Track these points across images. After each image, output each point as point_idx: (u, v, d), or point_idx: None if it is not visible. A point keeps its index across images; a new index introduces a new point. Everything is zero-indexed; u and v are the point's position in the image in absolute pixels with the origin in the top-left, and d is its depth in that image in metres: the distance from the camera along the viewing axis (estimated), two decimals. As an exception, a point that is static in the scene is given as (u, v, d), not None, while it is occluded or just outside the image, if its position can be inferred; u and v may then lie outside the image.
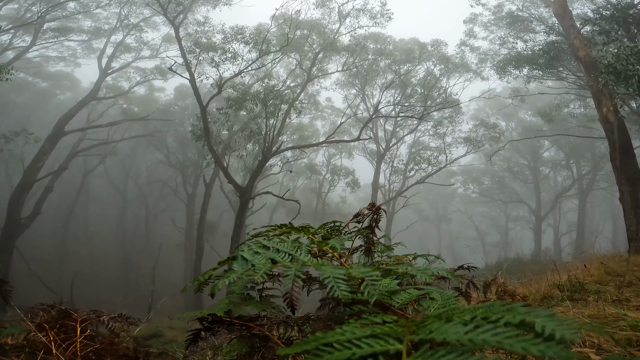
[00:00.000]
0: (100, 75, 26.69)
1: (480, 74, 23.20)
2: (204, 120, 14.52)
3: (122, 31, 28.36)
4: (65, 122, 23.16)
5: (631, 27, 12.56)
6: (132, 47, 29.71)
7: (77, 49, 33.36)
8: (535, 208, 34.64)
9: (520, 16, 19.98)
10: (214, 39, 16.93)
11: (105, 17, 30.16)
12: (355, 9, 20.78)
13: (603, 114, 11.96)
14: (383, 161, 24.64)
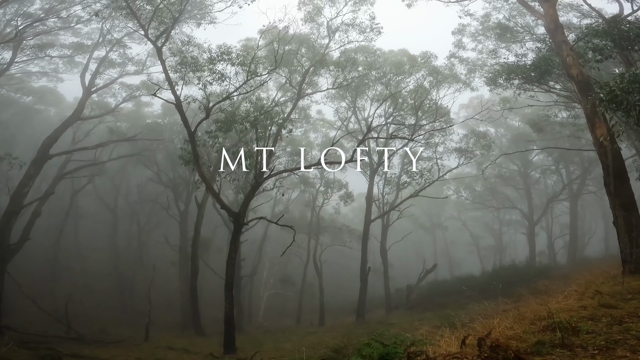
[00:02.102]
0: (84, 94, 26.01)
1: (469, 84, 23.31)
2: (192, 146, 14.29)
3: (105, 47, 27.61)
4: (49, 145, 22.60)
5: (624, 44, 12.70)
6: (117, 63, 28.97)
7: (59, 63, 32.46)
8: (528, 213, 35.01)
9: (509, 26, 20.28)
10: (200, 59, 16.59)
11: (86, 33, 29.51)
12: (344, 24, 20.73)
13: (597, 137, 11.87)
14: (376, 174, 24.65)
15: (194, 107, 17.02)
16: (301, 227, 29.75)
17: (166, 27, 16.31)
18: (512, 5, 20.87)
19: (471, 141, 22.72)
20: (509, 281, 19.89)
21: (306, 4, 20.85)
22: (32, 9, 25.89)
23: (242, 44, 22.87)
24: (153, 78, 28.54)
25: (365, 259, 23.84)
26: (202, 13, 19.17)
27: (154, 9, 15.46)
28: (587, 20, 18.56)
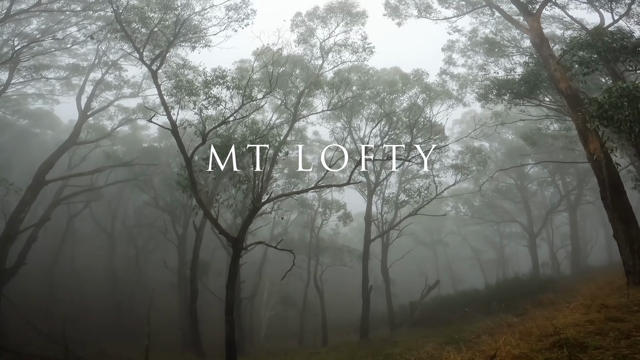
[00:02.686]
0: (80, 118, 26.21)
1: (461, 100, 23.74)
2: (189, 172, 14.22)
3: (101, 69, 28.04)
4: (45, 171, 22.64)
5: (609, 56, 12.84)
6: (113, 85, 29.32)
7: (56, 85, 32.86)
8: (527, 225, 35.00)
9: (496, 41, 20.89)
10: (195, 82, 16.56)
11: (83, 54, 29.98)
12: (337, 45, 21.20)
13: (590, 152, 11.90)
14: (374, 193, 24.71)
15: (190, 132, 17.14)
16: (301, 248, 29.63)
17: (161, 50, 16.48)
18: (497, 20, 21.64)
19: (467, 157, 22.92)
20: (513, 294, 19.71)
21: (299, 25, 21.43)
22: (29, 28, 26.58)
23: (237, 66, 23.29)
24: (149, 101, 29.01)
25: (366, 278, 23.62)
26: (197, 37, 19.55)
27: (149, 32, 15.74)
28: (570, 32, 19.21)
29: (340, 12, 21.07)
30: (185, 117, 20.20)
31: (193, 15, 17.67)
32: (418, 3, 20.68)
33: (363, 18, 21.16)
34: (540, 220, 35.69)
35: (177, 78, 16.39)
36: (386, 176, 24.63)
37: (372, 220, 24.24)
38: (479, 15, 21.95)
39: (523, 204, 35.73)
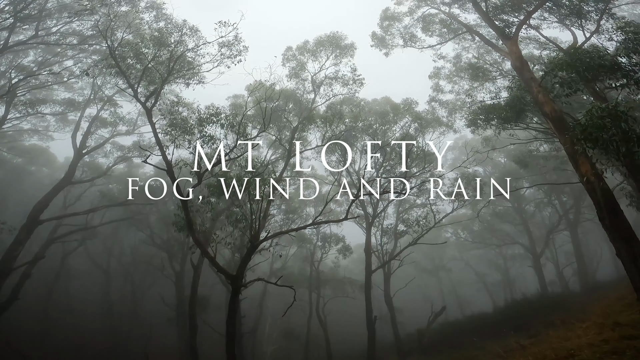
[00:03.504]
0: (75, 156, 26.44)
1: (452, 126, 24.25)
2: (185, 213, 14.21)
3: (96, 104, 28.49)
4: (40, 210, 22.74)
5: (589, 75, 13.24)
6: (108, 122, 29.78)
7: (51, 120, 33.39)
8: (530, 246, 34.86)
9: (479, 66, 21.70)
10: (189, 120, 16.86)
11: (79, 88, 30.62)
12: (328, 78, 21.85)
13: (582, 174, 11.91)
14: (372, 225, 24.76)
15: (185, 171, 17.29)
16: (301, 281, 29.36)
17: (155, 87, 16.77)
18: (479, 44, 22.73)
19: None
20: (523, 316, 19.40)
21: (290, 59, 22.23)
22: (26, 60, 27.52)
23: (231, 102, 23.82)
24: (145, 139, 29.48)
25: (370, 308, 23.23)
26: (190, 73, 19.93)
27: (143, 68, 16.11)
28: (547, 52, 20.06)
29: (330, 45, 21.87)
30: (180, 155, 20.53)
31: (186, 52, 18.08)
32: (403, 32, 21.79)
33: (352, 50, 22.00)
34: (542, 240, 35.57)
35: (172, 116, 16.71)
36: (384, 208, 24.76)
37: (372, 251, 24.12)
38: (461, 41, 23.08)
39: (523, 225, 35.71)
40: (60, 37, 24.75)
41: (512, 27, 16.60)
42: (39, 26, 23.20)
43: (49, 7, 23.55)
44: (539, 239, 36.14)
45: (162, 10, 19.83)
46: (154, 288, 34.35)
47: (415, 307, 43.20)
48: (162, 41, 17.27)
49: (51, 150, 42.25)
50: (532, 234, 35.25)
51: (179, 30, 17.73)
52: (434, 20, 21.35)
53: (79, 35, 24.68)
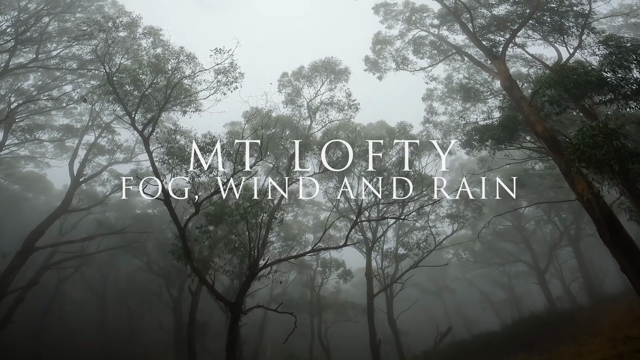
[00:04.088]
0: (72, 184, 26.51)
1: (447, 148, 24.41)
2: (183, 242, 14.25)
3: (94, 131, 28.70)
4: (35, 238, 22.81)
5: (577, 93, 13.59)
6: (106, 150, 29.85)
7: (49, 147, 33.59)
8: (533, 264, 34.68)
9: (470, 87, 22.26)
10: (186, 148, 16.84)
11: (77, 114, 30.90)
12: (323, 103, 22.19)
13: (579, 192, 11.98)
14: (372, 250, 24.71)
15: (182, 201, 17.33)
16: (302, 307, 29.06)
17: (153, 115, 16.88)
18: (468, 64, 23.40)
19: (461, 206, 23.28)
20: (532, 332, 19.12)
21: (285, 85, 22.67)
22: (26, 84, 28.03)
23: (228, 130, 24.09)
24: (142, 167, 29.60)
25: (373, 332, 22.88)
26: (187, 100, 19.97)
27: (141, 95, 16.30)
28: (534, 69, 20.58)
29: (324, 71, 22.32)
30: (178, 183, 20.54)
31: (183, 79, 18.34)
32: (395, 56, 22.47)
33: (346, 75, 22.50)
34: (545, 257, 35.44)
35: (169, 144, 16.84)
36: (383, 232, 24.76)
37: (374, 275, 23.99)
38: (452, 62, 23.80)
39: (524, 243, 35.63)
40: (60, 61, 25.30)
41: (499, 46, 17.12)
42: (39, 49, 23.85)
43: (49, 31, 24.37)
44: (542, 256, 35.99)
45: (160, 37, 20.11)
46: (151, 314, 33.90)
47: (420, 329, 42.53)
48: (159, 68, 17.51)
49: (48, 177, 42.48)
50: (534, 251, 35.13)
51: (176, 57, 17.98)
52: (424, 42, 22.07)
53: (79, 59, 25.22)
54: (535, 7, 16.12)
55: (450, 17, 19.83)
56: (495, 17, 18.10)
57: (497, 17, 18.12)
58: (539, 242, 39.34)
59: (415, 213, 22.89)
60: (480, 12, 19.33)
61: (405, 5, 22.81)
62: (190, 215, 15.18)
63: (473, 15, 17.57)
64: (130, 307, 35.04)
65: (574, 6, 16.48)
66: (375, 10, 23.74)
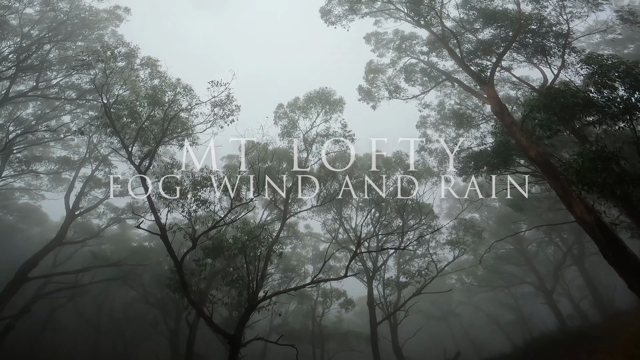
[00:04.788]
0: (68, 217, 26.54)
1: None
2: (180, 276, 14.26)
3: (91, 164, 28.91)
4: (28, 269, 22.81)
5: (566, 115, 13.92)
6: (103, 183, 29.97)
7: (45, 179, 33.69)
8: (539, 284, 34.48)
9: (461, 112, 22.80)
10: (183, 183, 16.81)
11: (75, 145, 31.28)
12: (319, 135, 22.45)
13: (578, 215, 12.02)
14: (374, 279, 24.62)
15: (179, 235, 17.34)
16: (303, 337, 28.62)
17: (150, 149, 17.04)
18: (459, 90, 24.09)
19: (460, 232, 23.36)
20: (546, 352, 18.80)
21: (281, 117, 23.03)
22: (25, 113, 28.44)
23: (225, 163, 24.32)
24: (139, 201, 29.67)
25: (378, 361, 22.53)
26: (184, 134, 19.98)
27: (138, 128, 16.52)
28: (521, 91, 21.17)
29: (319, 102, 22.71)
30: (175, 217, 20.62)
31: (180, 112, 18.59)
32: (387, 84, 23.19)
33: (341, 105, 22.89)
34: (551, 277, 35.27)
35: (166, 178, 17.00)
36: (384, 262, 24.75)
37: (376, 303, 23.79)
38: (443, 88, 24.59)
39: (528, 265, 35.53)
40: (59, 91, 25.76)
41: (486, 70, 17.65)
42: (39, 77, 24.33)
43: (50, 58, 25.01)
44: (547, 276, 35.81)
45: (157, 68, 20.35)
46: (146, 344, 33.19)
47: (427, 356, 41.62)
48: (156, 100, 17.85)
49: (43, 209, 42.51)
50: (539, 273, 34.96)
51: (173, 89, 18.35)
52: (415, 69, 22.85)
53: (78, 88, 25.72)
54: (517, 30, 16.86)
55: (438, 44, 20.61)
56: (481, 42, 18.82)
57: (482, 41, 18.84)
58: (543, 263, 39.18)
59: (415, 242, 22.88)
60: (466, 37, 20.07)
61: (395, 33, 23.75)
62: (187, 249, 15.24)
63: (460, 41, 18.31)
64: (126, 337, 34.32)
65: (553, 26, 17.20)
66: (366, 39, 24.71)
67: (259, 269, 16.06)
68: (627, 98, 12.81)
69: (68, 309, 34.57)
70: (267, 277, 20.97)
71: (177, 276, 15.28)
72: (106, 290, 36.93)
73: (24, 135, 25.41)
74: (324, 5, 22.25)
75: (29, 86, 25.69)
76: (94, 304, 36.53)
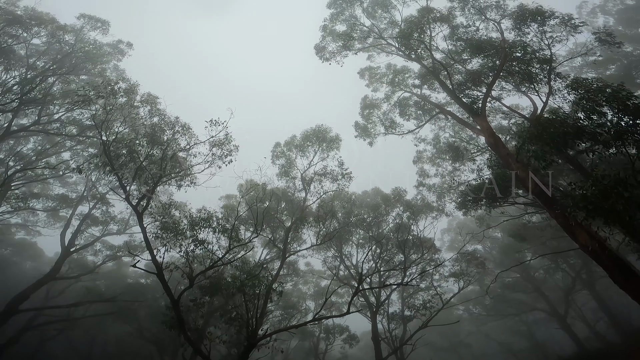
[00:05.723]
0: (62, 254, 26.61)
1: (443, 210, 25.04)
2: (177, 313, 14.32)
3: (89, 202, 29.15)
4: (20, 301, 22.88)
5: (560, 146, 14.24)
6: (100, 221, 30.08)
7: (42, 216, 33.95)
8: (551, 310, 34.12)
9: (455, 145, 23.29)
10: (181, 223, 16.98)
11: (73, 182, 31.80)
12: (317, 174, 22.68)
13: (582, 243, 12.13)
14: (377, 313, 24.57)
15: (177, 272, 17.41)
16: (308, 375, 28.01)
17: (147, 189, 17.14)
18: (453, 122, 24.72)
19: (464, 264, 23.41)
20: None
21: (279, 156, 23.40)
22: (25, 148, 29.00)
23: (223, 203, 24.57)
24: (136, 239, 29.84)
25: (386, 397, 22.03)
26: (182, 174, 19.92)
27: (136, 168, 16.78)
28: (512, 120, 21.68)
29: (316, 140, 23.13)
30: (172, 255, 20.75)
31: (179, 151, 18.71)
32: (383, 119, 23.94)
33: (337, 142, 23.32)
34: (562, 302, 34.90)
35: (163, 219, 17.21)
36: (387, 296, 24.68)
37: (381, 338, 23.59)
38: (437, 121, 25.33)
39: (537, 292, 35.30)
40: (60, 126, 26.28)
41: (478, 101, 18.20)
42: (42, 111, 24.94)
43: (54, 91, 25.64)
44: (558, 301, 35.44)
45: (156, 105, 20.53)
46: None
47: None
48: (155, 139, 18.16)
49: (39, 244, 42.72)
50: (549, 298, 34.66)
51: (171, 127, 18.69)
52: (408, 103, 23.65)
53: (79, 124, 26.31)
54: (503, 59, 17.58)
55: (430, 77, 21.40)
56: (470, 72, 19.53)
57: (471, 72, 19.55)
58: (552, 289, 38.83)
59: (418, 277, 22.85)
60: (456, 68, 20.87)
61: (387, 67, 24.76)
62: (184, 287, 15.33)
63: (450, 72, 19.06)
64: (121, 370, 33.53)
65: (537, 52, 17.86)
66: (360, 74, 25.72)
67: (258, 307, 16.10)
68: (616, 123, 12.95)
69: (59, 341, 34.12)
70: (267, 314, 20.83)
71: (173, 312, 15.31)
72: (99, 324, 36.47)
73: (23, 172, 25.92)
74: (318, 42, 23.36)
75: (32, 119, 26.24)
76: (87, 337, 36.00)
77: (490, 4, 20.16)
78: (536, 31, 18.04)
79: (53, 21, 25.47)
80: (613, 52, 25.67)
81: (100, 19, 27.50)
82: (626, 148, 12.47)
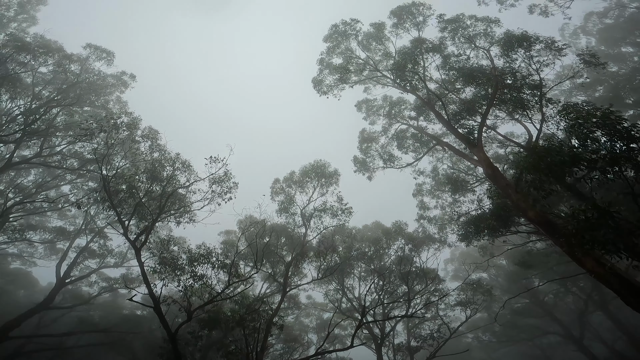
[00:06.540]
0: (57, 284, 26.80)
1: (445, 241, 25.24)
2: (174, 347, 14.29)
3: (87, 235, 29.39)
4: (10, 329, 22.86)
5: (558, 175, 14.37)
6: (97, 254, 30.24)
7: (39, 248, 34.52)
8: (565, 333, 33.59)
9: (454, 177, 23.56)
10: (179, 259, 17.23)
11: (72, 216, 32.08)
12: (317, 210, 22.97)
13: (590, 269, 12.23)
14: (383, 345, 24.25)
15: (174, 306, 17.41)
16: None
17: (146, 225, 17.42)
18: (450, 154, 25.19)
19: (469, 293, 23.46)
20: None
21: (278, 192, 23.81)
22: (27, 180, 29.42)
23: (223, 239, 24.82)
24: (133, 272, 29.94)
25: None
26: (181, 211, 20.43)
27: (135, 204, 17.05)
28: (509, 148, 22.04)
29: (315, 175, 23.53)
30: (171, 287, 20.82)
31: (179, 188, 19.06)
32: (381, 152, 24.48)
33: (336, 177, 23.77)
34: (576, 324, 34.40)
35: (162, 254, 17.38)
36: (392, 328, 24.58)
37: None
38: (435, 153, 25.92)
39: (549, 316, 34.84)
40: (62, 158, 26.70)
41: (474, 132, 18.61)
42: (44, 143, 25.25)
43: (57, 122, 26.01)
44: (572, 324, 34.91)
45: (157, 141, 21.08)
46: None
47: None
48: (155, 175, 18.54)
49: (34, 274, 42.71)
50: (562, 322, 34.19)
51: (172, 163, 19.09)
52: (406, 135, 24.25)
53: (80, 157, 26.75)
54: (495, 87, 18.14)
55: (425, 108, 22.03)
56: (464, 102, 20.10)
57: (465, 101, 20.13)
58: (565, 312, 38.26)
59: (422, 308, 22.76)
60: (450, 97, 21.53)
61: (384, 99, 25.52)
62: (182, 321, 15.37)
63: (445, 102, 19.68)
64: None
65: (526, 78, 18.39)
66: (358, 107, 26.49)
67: (258, 341, 16.12)
68: (610, 149, 12.81)
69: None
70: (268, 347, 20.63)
71: (169, 346, 15.28)
72: (91, 354, 35.90)
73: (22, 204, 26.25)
74: (315, 75, 24.26)
75: (34, 151, 26.46)
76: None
77: (478, 32, 21.11)
78: (524, 56, 18.66)
79: (60, 50, 25.99)
80: (599, 73, 26.30)
81: (105, 49, 28.25)
82: (622, 173, 12.71)
